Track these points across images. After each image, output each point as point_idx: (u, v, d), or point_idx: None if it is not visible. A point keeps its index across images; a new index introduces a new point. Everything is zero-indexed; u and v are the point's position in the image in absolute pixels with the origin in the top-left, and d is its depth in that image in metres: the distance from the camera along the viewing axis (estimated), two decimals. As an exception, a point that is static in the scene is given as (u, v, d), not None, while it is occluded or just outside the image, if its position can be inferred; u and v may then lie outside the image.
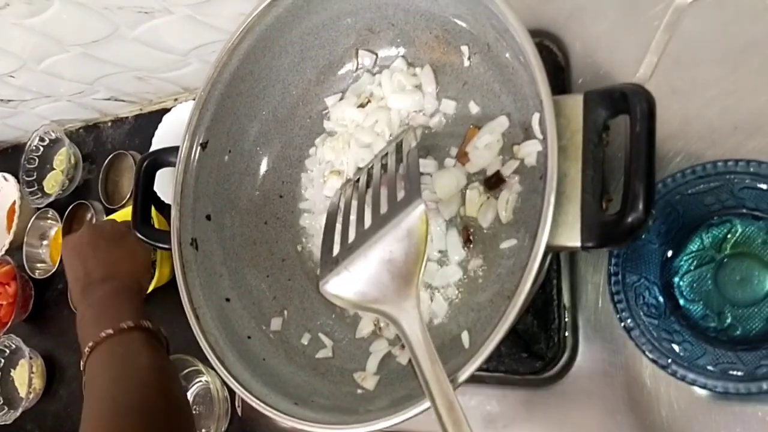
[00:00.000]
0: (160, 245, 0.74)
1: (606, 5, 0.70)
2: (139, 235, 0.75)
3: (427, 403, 0.50)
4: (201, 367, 1.06)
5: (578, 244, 0.50)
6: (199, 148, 0.71)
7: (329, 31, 0.73)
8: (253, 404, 0.60)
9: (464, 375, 0.51)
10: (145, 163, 0.75)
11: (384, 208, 0.57)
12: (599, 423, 0.63)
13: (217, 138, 0.73)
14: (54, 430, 1.27)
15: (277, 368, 0.68)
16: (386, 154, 0.67)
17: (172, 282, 1.08)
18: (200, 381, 1.08)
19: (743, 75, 0.62)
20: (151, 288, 1.05)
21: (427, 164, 0.68)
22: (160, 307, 1.09)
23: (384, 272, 0.54)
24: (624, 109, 0.50)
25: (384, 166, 0.65)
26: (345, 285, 0.56)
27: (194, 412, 1.09)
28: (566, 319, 0.66)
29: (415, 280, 0.53)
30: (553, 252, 0.58)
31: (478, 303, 0.64)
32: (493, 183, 0.65)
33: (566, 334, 0.66)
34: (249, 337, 0.70)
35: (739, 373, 0.54)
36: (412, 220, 0.54)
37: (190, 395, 1.09)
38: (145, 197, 0.76)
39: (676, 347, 0.57)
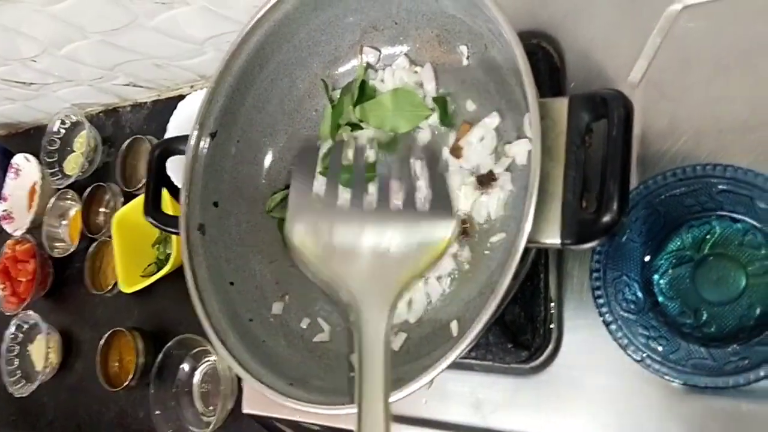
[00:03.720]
0: (170, 230, 0.77)
1: (601, 8, 0.72)
2: (150, 220, 0.78)
3: (414, 387, 0.53)
4: (210, 347, 1.10)
5: (558, 241, 0.53)
6: (208, 138, 0.74)
7: (335, 27, 0.75)
8: (250, 383, 0.63)
9: (447, 361, 0.54)
10: (156, 152, 0.78)
11: (419, 204, 0.50)
12: (582, 410, 0.66)
13: (225, 129, 0.76)
14: (69, 402, 1.32)
15: (276, 350, 0.71)
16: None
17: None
18: (209, 360, 1.12)
19: (729, 81, 0.64)
20: (167, 270, 1.08)
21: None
22: (173, 288, 1.13)
23: (369, 256, 0.48)
24: (604, 113, 0.53)
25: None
26: (319, 235, 0.48)
27: (202, 390, 1.13)
28: (552, 312, 0.68)
29: (398, 288, 0.47)
30: (538, 248, 0.60)
31: (468, 294, 0.67)
32: (486, 180, 0.67)
33: (552, 325, 0.68)
34: (251, 320, 0.73)
35: (710, 369, 0.56)
36: (439, 232, 0.48)
37: (198, 374, 1.13)
38: (157, 184, 0.79)
39: (651, 342, 0.59)
